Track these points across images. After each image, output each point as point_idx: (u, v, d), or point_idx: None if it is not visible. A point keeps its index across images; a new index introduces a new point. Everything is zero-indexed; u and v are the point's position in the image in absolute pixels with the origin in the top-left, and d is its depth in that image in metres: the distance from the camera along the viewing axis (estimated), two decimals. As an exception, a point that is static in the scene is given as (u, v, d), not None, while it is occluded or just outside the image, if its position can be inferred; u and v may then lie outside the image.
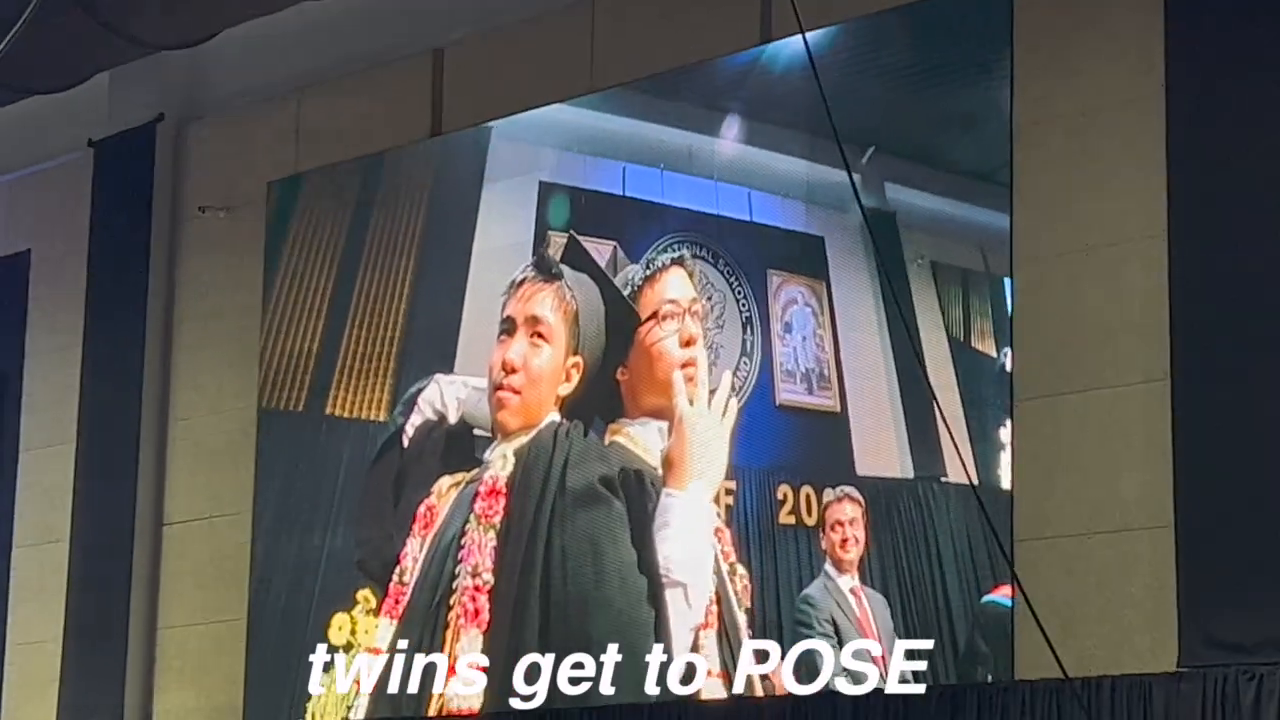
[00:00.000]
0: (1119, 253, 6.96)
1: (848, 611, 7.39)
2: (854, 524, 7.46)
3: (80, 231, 10.40)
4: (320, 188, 9.46)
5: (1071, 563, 6.90)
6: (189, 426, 9.95)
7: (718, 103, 7.98)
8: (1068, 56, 7.17)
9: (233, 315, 9.76)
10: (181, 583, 9.85)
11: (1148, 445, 6.78)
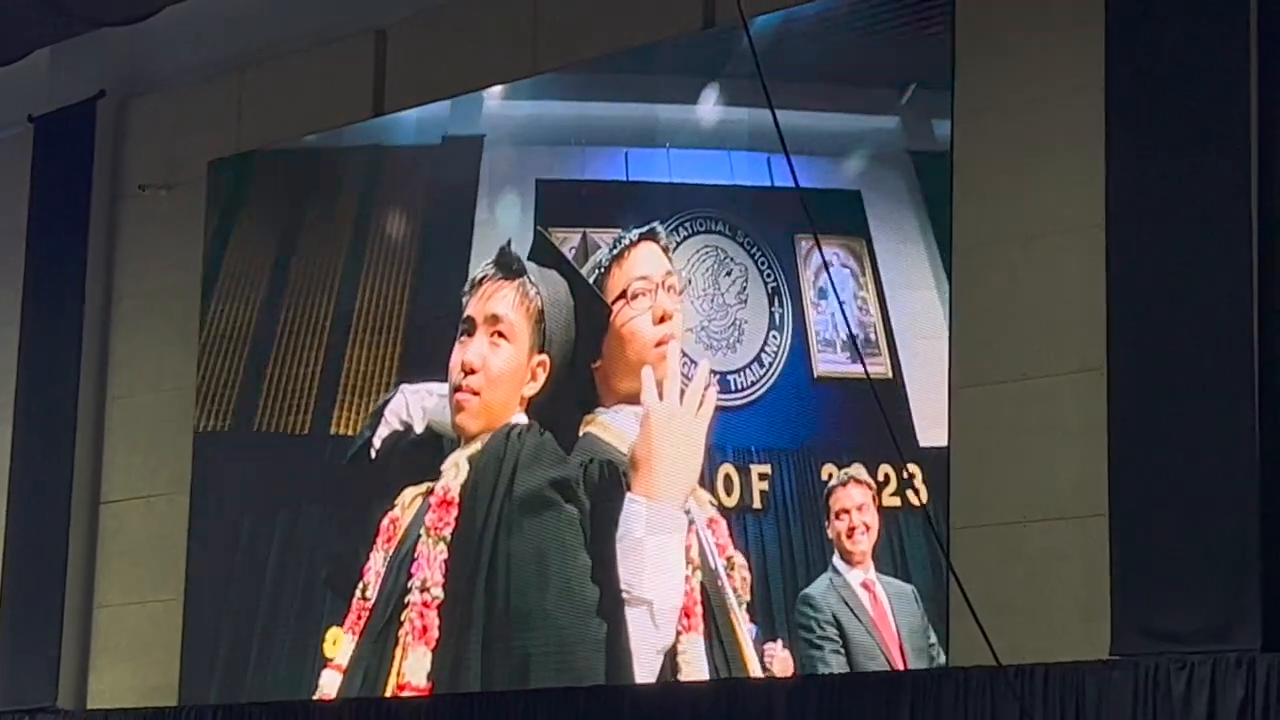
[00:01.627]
0: (1058, 242, 6.98)
1: (856, 609, 7.13)
2: (863, 509, 7.15)
3: (19, 208, 10.34)
4: (265, 172, 9.38)
5: (1006, 550, 6.93)
6: (127, 405, 9.90)
7: (714, 71, 7.66)
8: (1008, 46, 7.18)
9: (172, 294, 9.72)
10: (118, 561, 9.82)
11: (1083, 434, 6.81)
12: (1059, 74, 7.06)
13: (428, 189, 8.63)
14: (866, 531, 7.09)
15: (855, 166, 7.43)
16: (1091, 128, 6.88)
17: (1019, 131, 7.13)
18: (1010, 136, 7.16)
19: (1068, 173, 6.99)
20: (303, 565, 8.38)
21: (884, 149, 7.27)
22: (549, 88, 8.37)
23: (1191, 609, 6.47)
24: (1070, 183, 6.98)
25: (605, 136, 8.08)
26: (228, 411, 9.21)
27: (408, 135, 8.86)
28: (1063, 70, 7.05)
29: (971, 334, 7.12)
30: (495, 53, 8.63)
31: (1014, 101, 7.16)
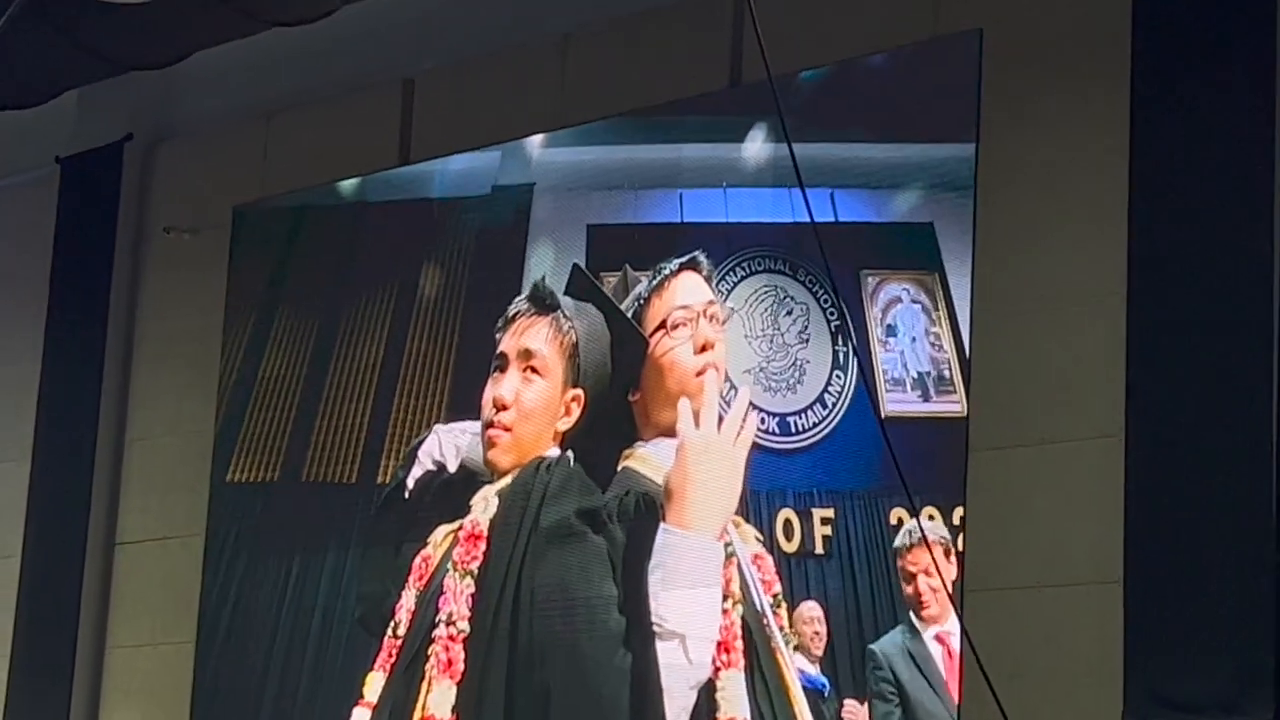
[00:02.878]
0: (1078, 309, 6.98)
1: (924, 665, 6.98)
2: (930, 573, 6.96)
3: (44, 248, 10.36)
4: (312, 225, 9.38)
5: (1019, 614, 6.91)
6: (145, 448, 9.92)
7: (766, 108, 7.48)
8: (1033, 112, 7.20)
9: (193, 339, 9.74)
10: (132, 603, 9.82)
11: (1100, 501, 6.79)
12: (1083, 141, 7.07)
13: (476, 238, 8.64)
14: (935, 594, 6.96)
15: (926, 198, 7.32)
16: (1114, 195, 6.89)
17: (1041, 197, 7.14)
18: (1032, 202, 7.16)
19: (1089, 239, 7.00)
20: (334, 610, 8.39)
21: (957, 178, 7.17)
22: (597, 133, 8.36)
23: (1204, 678, 6.45)
24: (1091, 249, 6.98)
25: (658, 179, 8.07)
26: (276, 463, 9.19)
27: (453, 187, 8.87)
28: (1087, 137, 7.07)
29: (989, 398, 7.12)
30: (523, 104, 8.66)
31: (1036, 167, 7.17)
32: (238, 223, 9.64)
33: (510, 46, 8.86)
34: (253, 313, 9.47)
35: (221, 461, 9.37)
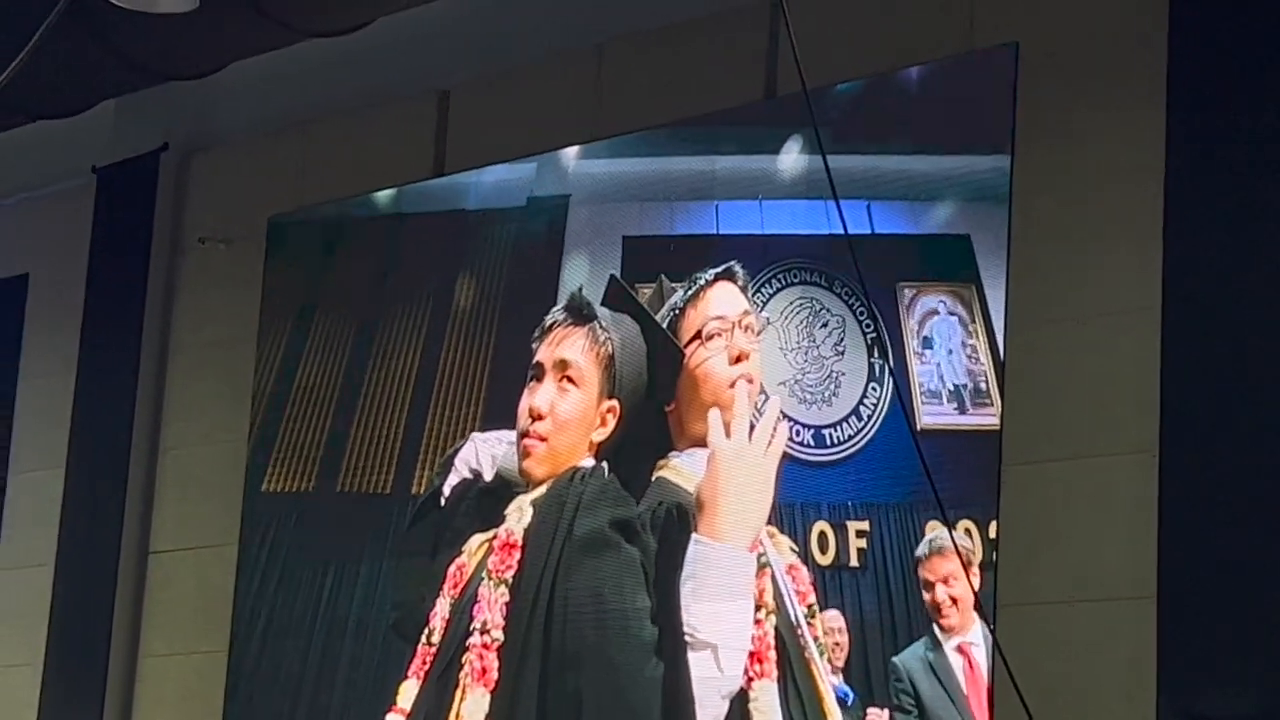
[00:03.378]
0: (1112, 322, 6.97)
1: (944, 677, 6.95)
2: (949, 582, 6.94)
3: (79, 257, 10.41)
4: (350, 237, 9.41)
5: (1052, 629, 6.90)
6: (178, 457, 9.95)
7: (801, 120, 7.45)
8: (1068, 127, 7.19)
9: (227, 348, 9.77)
10: (165, 612, 9.84)
11: (1134, 515, 6.78)
12: (1118, 154, 7.06)
13: (513, 250, 8.65)
14: (954, 604, 6.91)
15: (963, 209, 7.30)
16: (1149, 208, 6.88)
17: (1076, 210, 7.13)
18: (1067, 215, 7.16)
19: (1124, 252, 6.99)
20: (368, 619, 8.40)
21: (994, 189, 7.14)
22: (632, 144, 8.36)
23: (1238, 695, 6.43)
24: (1126, 262, 6.97)
25: (693, 190, 8.04)
26: (311, 473, 9.21)
27: (489, 199, 8.88)
28: (1122, 150, 7.06)
29: (1022, 412, 7.11)
30: (558, 116, 8.67)
31: (1072, 180, 7.16)
32: (272, 233, 9.66)
33: (545, 58, 8.87)
34: (288, 323, 9.49)
35: (257, 471, 9.39)
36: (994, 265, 7.14)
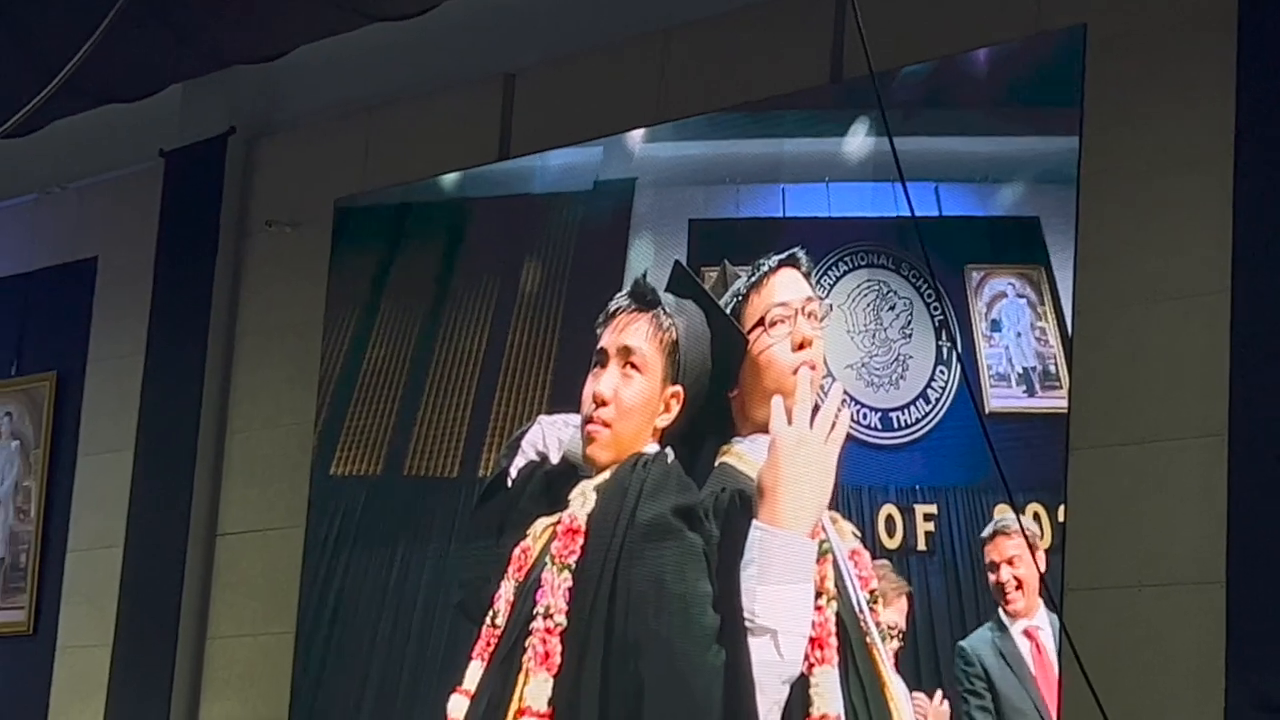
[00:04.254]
0: (1181, 307, 6.94)
1: (1012, 661, 6.92)
2: (1014, 563, 6.90)
3: (148, 240, 10.47)
4: (416, 221, 9.43)
5: (1120, 615, 6.87)
6: (245, 440, 10.00)
7: (870, 101, 7.39)
8: (1136, 110, 7.15)
9: (294, 332, 9.81)
10: (232, 594, 9.90)
11: (1202, 500, 6.75)
12: (1187, 135, 7.02)
13: (579, 233, 8.66)
14: (1019, 587, 6.87)
15: (1032, 191, 7.25)
16: (1219, 189, 6.84)
17: (1144, 192, 7.09)
18: (1135, 197, 7.12)
19: (1193, 234, 6.95)
20: (435, 603, 8.42)
21: (1063, 171, 7.08)
22: (698, 127, 8.33)
23: (1307, 681, 6.40)
24: (1196, 246, 6.93)
25: (760, 173, 8.00)
26: (379, 457, 9.24)
27: (555, 182, 8.89)
28: (1191, 131, 7.01)
29: (1090, 396, 7.08)
30: (624, 99, 8.67)
31: (1140, 162, 7.13)
32: (339, 217, 9.70)
33: (611, 41, 8.87)
34: (355, 307, 9.52)
35: (325, 454, 9.43)
36: (1063, 248, 7.10)
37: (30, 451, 10.95)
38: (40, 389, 10.95)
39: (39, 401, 10.94)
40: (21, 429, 11.01)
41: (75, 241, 11.08)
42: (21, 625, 10.77)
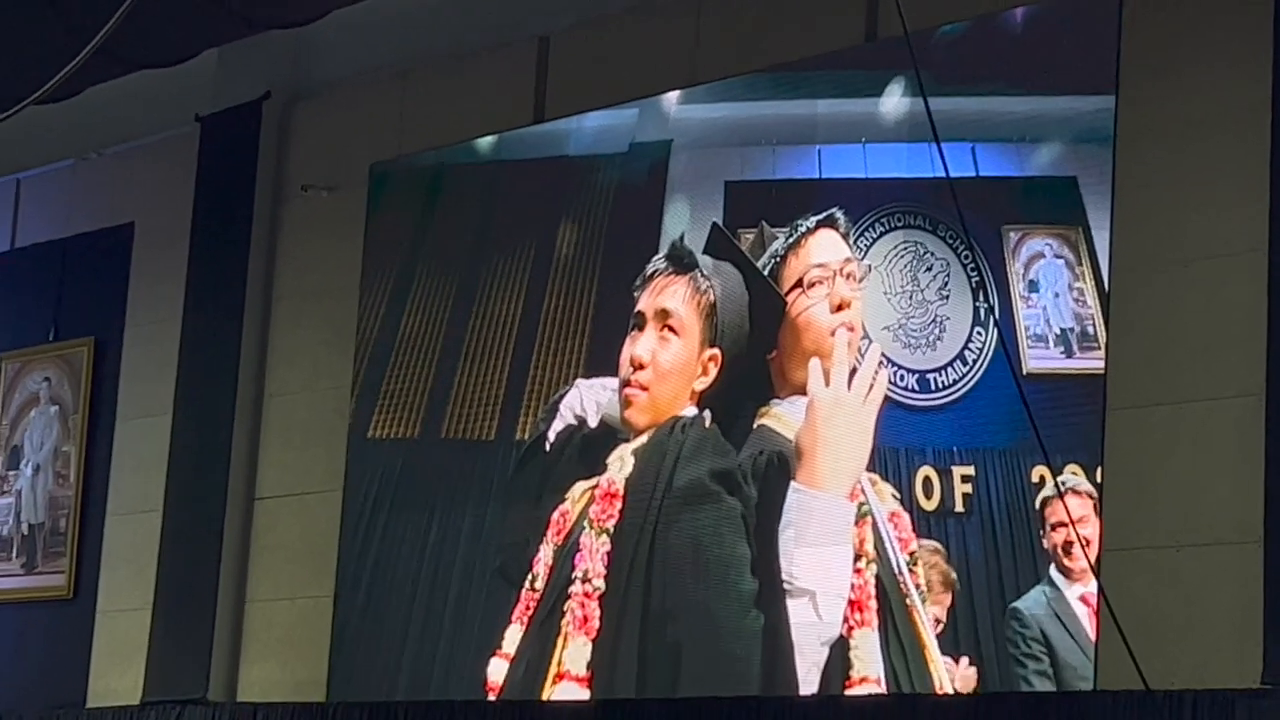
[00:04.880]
0: (1218, 266, 6.92)
1: (1070, 626, 6.93)
2: (1083, 522, 6.86)
3: (184, 206, 10.49)
4: (450, 183, 9.43)
5: (1158, 574, 6.87)
6: (283, 403, 10.03)
7: (904, 62, 7.32)
8: (1172, 68, 7.12)
9: (330, 296, 9.83)
10: (271, 557, 9.94)
11: (1240, 460, 6.73)
12: (1224, 94, 6.99)
13: (614, 195, 8.62)
14: (1087, 546, 6.83)
15: (1069, 151, 7.24)
16: (1256, 149, 6.81)
17: (1181, 151, 7.07)
18: (1172, 156, 7.09)
19: (1230, 196, 6.92)
20: (473, 564, 8.45)
21: (1100, 131, 7.09)
22: (734, 89, 8.32)
23: (1346, 639, 6.39)
24: (1233, 206, 6.91)
25: (795, 135, 7.95)
26: (416, 420, 9.26)
27: (590, 145, 8.90)
28: (1228, 90, 6.98)
29: (1127, 356, 7.07)
30: (658, 62, 8.66)
31: (1177, 121, 7.10)
32: (375, 181, 9.71)
33: (645, 3, 8.85)
34: (391, 270, 9.54)
35: (362, 418, 9.45)
36: (1101, 207, 7.10)
37: (69, 417, 11.00)
38: (78, 354, 11.00)
39: (77, 367, 10.99)
40: (60, 394, 11.07)
41: (112, 207, 11.11)
42: (62, 589, 10.83)
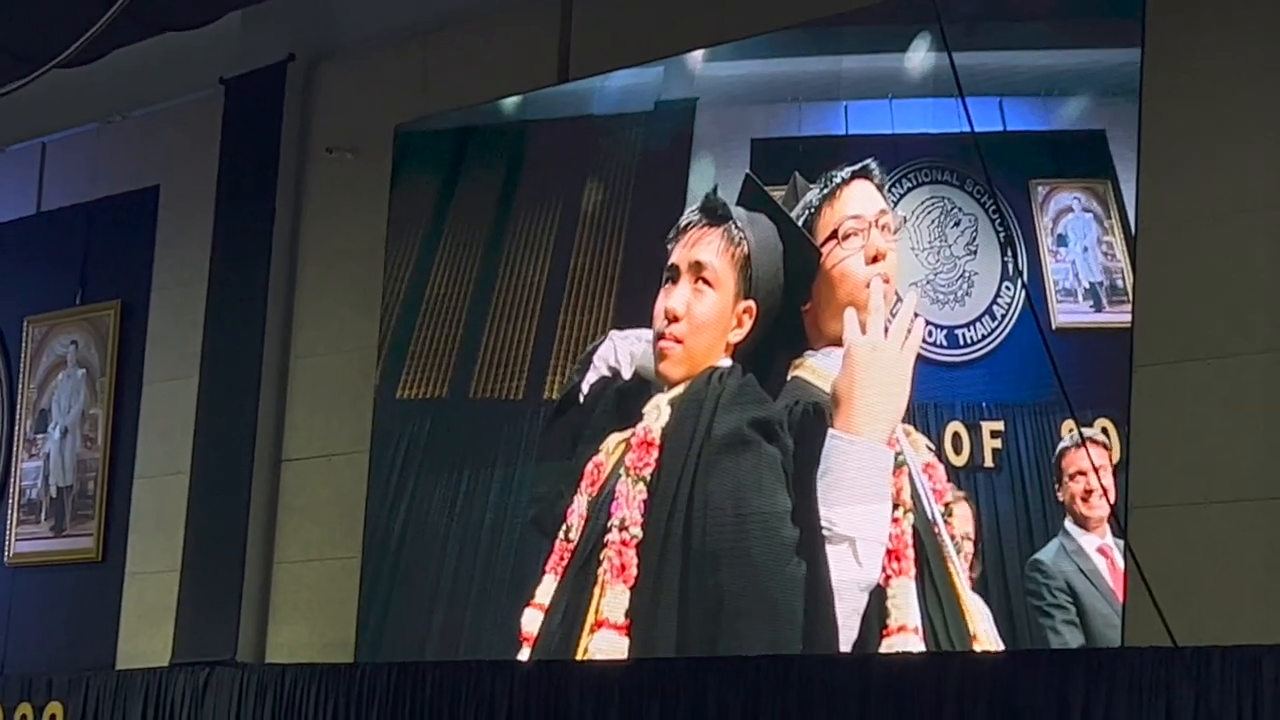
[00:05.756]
0: (1246, 221, 6.90)
1: (1093, 576, 6.91)
2: (1100, 472, 6.87)
3: (209, 168, 10.50)
4: (476, 145, 9.43)
5: (1185, 531, 6.86)
6: (309, 365, 10.04)
7: (929, 15, 7.21)
8: (1199, 24, 7.10)
9: (356, 257, 9.83)
10: (298, 519, 9.96)
11: (1267, 416, 6.73)
12: (1251, 48, 6.97)
13: (640, 154, 8.61)
14: (1104, 495, 6.83)
15: (1097, 104, 7.21)
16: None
17: (1208, 106, 7.05)
18: (1199, 115, 7.07)
19: (1257, 152, 6.90)
20: (502, 524, 8.46)
21: (1129, 83, 7.06)
22: (759, 47, 8.28)
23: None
24: (1259, 162, 6.89)
25: (822, 91, 7.92)
26: (444, 380, 9.27)
27: (616, 104, 8.88)
28: (1256, 44, 6.96)
29: (1154, 312, 7.05)
30: (682, 19, 8.64)
31: (1203, 80, 7.08)
32: (400, 143, 9.71)
33: (669, -38, 8.84)
34: (418, 231, 9.54)
35: (391, 378, 9.47)
36: (1130, 161, 7.08)
37: (96, 380, 11.03)
38: (105, 317, 11.03)
39: (104, 330, 11.01)
40: (87, 357, 11.09)
41: (137, 170, 11.12)
42: (90, 552, 10.87)
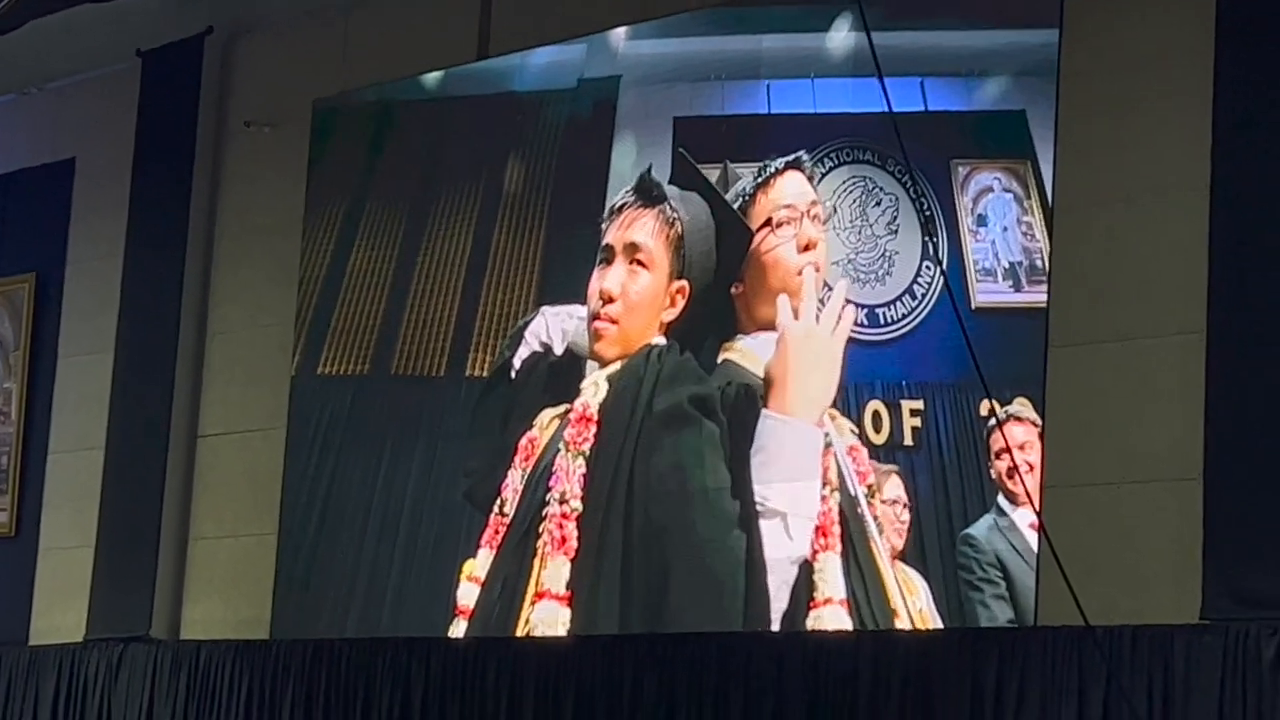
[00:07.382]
0: (1160, 202, 6.96)
1: (1023, 551, 6.96)
2: (1025, 448, 6.92)
3: (125, 141, 10.43)
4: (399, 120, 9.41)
5: (1098, 511, 6.92)
6: (226, 341, 10.00)
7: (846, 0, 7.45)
8: (1117, 5, 7.15)
9: (274, 232, 9.80)
10: (214, 495, 9.93)
11: (1180, 397, 6.79)
12: (1168, 30, 7.02)
13: (563, 131, 8.61)
14: (1030, 471, 6.88)
15: (1016, 84, 7.26)
16: (1199, 85, 6.84)
17: (1125, 87, 7.10)
18: (1115, 95, 7.12)
19: (1172, 133, 6.96)
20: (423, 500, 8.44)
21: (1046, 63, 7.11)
22: (682, 24, 8.28)
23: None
24: (1174, 144, 6.94)
25: (744, 70, 7.90)
26: (366, 357, 9.26)
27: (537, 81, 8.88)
28: (1171, 28, 7.01)
29: (1070, 293, 7.11)
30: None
31: (1120, 60, 7.13)
32: (318, 117, 9.68)
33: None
34: (338, 207, 9.52)
35: (312, 354, 9.44)
36: (1049, 141, 7.11)
37: (10, 353, 10.96)
38: (19, 290, 10.95)
39: (18, 303, 10.93)
40: (1, 330, 11.02)
41: (53, 142, 11.04)
42: (4, 527, 10.81)
